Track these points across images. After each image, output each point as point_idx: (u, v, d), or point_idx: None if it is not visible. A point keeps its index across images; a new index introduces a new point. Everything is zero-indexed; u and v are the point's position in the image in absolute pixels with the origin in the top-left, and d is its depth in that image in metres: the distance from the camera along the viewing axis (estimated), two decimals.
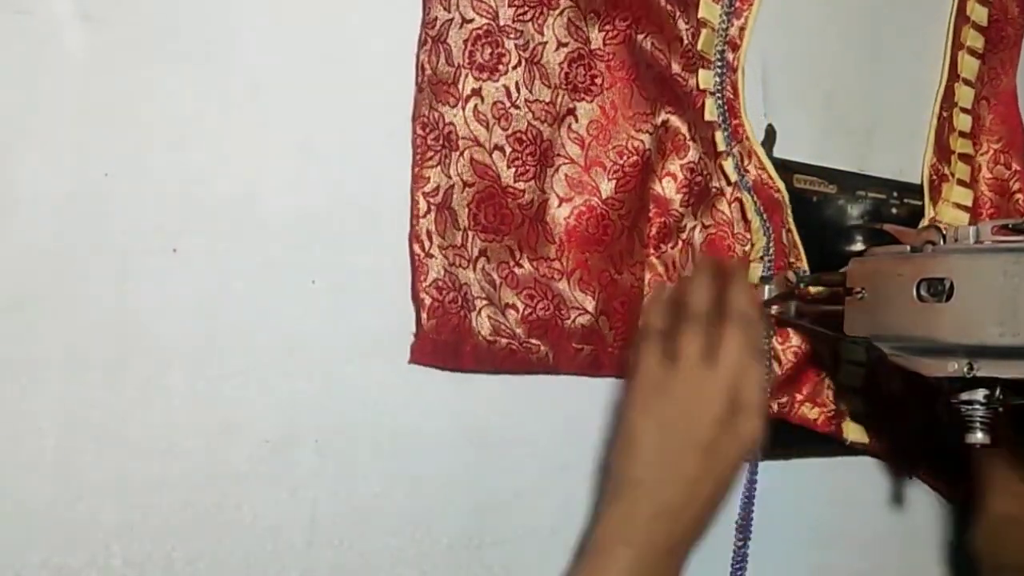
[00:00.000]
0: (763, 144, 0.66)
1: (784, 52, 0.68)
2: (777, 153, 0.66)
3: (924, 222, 0.74)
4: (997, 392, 0.54)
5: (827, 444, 0.68)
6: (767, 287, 0.65)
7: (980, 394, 0.54)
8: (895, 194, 0.74)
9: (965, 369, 0.52)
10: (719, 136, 0.62)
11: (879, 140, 0.74)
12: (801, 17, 0.70)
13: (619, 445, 0.55)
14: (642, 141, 0.59)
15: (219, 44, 0.49)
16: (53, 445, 0.45)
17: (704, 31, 0.62)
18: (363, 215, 0.53)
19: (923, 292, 0.53)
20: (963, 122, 0.77)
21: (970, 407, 0.54)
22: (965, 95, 0.77)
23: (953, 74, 0.77)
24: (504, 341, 0.55)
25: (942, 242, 0.55)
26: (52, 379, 0.45)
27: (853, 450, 0.70)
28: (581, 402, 0.59)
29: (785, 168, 0.66)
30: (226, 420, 0.49)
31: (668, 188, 0.61)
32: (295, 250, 0.51)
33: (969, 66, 0.77)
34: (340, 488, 0.52)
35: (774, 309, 0.65)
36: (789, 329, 0.65)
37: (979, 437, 0.54)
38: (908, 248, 0.55)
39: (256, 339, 0.50)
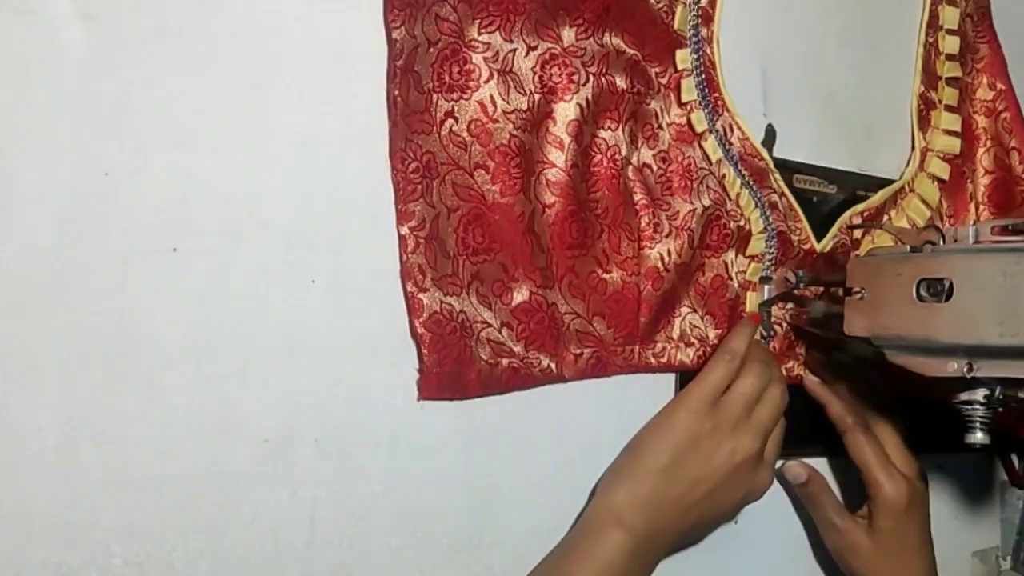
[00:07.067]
0: (763, 144, 0.66)
1: (784, 52, 0.68)
2: (777, 153, 0.66)
3: (915, 154, 0.73)
4: (997, 392, 0.54)
5: (827, 444, 0.68)
6: (766, 287, 0.65)
7: (980, 394, 0.54)
8: None
9: (965, 369, 0.52)
10: (697, 116, 0.61)
11: (879, 140, 0.74)
12: (801, 17, 0.70)
13: (651, 431, 0.58)
14: (604, 139, 0.58)
15: (219, 44, 0.49)
16: (53, 445, 0.45)
17: (679, 8, 0.62)
18: (363, 215, 0.53)
19: (923, 292, 0.53)
20: (950, 44, 0.74)
21: (970, 407, 0.54)
22: (950, 16, 0.74)
23: None
24: (505, 361, 0.55)
25: (942, 242, 0.54)
26: (52, 379, 0.45)
27: None
28: (581, 402, 0.59)
29: (785, 168, 0.66)
30: (226, 420, 0.49)
31: (649, 178, 0.61)
32: (295, 250, 0.51)
33: None
34: (340, 488, 0.52)
35: (773, 308, 0.65)
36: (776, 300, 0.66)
37: (979, 437, 0.54)
38: (908, 248, 0.55)
39: (256, 339, 0.50)
